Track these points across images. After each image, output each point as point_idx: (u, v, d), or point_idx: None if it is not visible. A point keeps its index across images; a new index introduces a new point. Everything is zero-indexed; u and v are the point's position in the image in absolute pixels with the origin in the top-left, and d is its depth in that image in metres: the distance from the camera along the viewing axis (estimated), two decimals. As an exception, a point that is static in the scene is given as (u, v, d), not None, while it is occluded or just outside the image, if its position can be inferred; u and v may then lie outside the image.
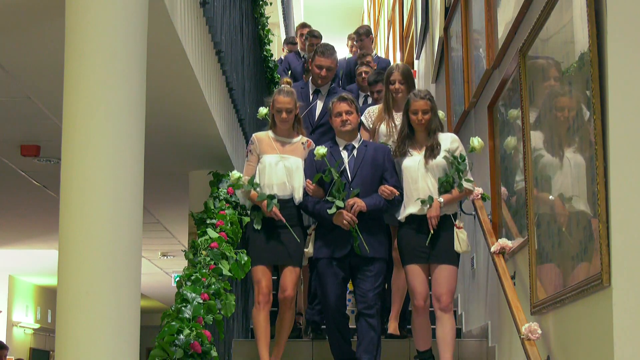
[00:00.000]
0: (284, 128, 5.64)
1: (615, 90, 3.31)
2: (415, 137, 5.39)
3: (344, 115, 5.48)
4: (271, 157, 5.58)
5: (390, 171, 5.41)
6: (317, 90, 6.49)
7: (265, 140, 5.66)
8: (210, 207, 6.23)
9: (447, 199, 5.23)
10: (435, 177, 5.25)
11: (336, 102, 5.55)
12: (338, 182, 5.29)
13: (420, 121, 5.32)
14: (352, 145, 5.52)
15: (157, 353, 4.23)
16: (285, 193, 5.50)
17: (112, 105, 3.87)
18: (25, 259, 14.27)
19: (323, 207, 5.34)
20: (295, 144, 5.66)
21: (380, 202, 5.32)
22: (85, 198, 3.78)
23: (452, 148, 5.31)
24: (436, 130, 5.35)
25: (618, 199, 3.26)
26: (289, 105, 5.61)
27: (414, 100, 5.35)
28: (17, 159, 7.59)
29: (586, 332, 3.57)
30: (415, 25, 11.02)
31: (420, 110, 5.32)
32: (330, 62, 6.43)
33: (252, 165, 5.65)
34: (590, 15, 3.40)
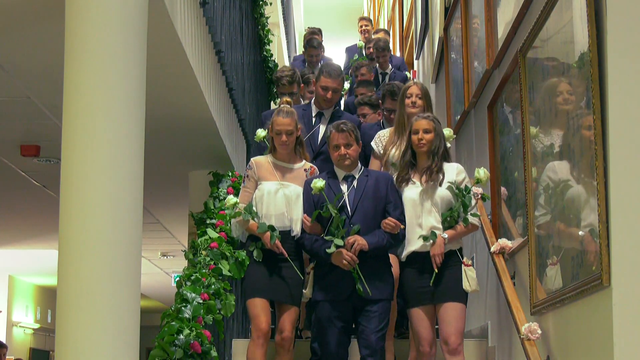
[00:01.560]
0: (284, 152, 5.11)
1: (615, 90, 3.31)
2: (417, 161, 4.93)
3: (342, 149, 4.92)
4: (270, 184, 5.05)
5: (394, 202, 4.90)
6: (319, 113, 5.97)
7: (264, 165, 5.11)
8: (210, 207, 6.23)
9: (452, 235, 4.77)
10: (439, 211, 4.80)
11: (334, 132, 4.97)
12: (336, 219, 4.81)
13: (420, 140, 4.85)
14: (352, 176, 4.97)
15: (157, 353, 4.23)
16: (284, 224, 4.97)
17: (112, 105, 3.87)
18: (25, 259, 14.28)
19: (321, 246, 4.84)
20: (297, 171, 5.12)
21: (383, 239, 4.81)
22: (85, 198, 3.78)
23: (457, 180, 4.84)
24: (438, 154, 4.87)
25: (618, 199, 3.26)
26: (289, 127, 5.06)
27: (416, 120, 4.94)
28: (17, 159, 7.59)
29: (586, 332, 3.57)
30: (415, 25, 11.02)
31: (421, 130, 4.86)
32: (337, 84, 5.91)
33: (249, 191, 5.11)
34: (590, 16, 3.40)
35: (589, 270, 3.43)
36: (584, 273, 3.51)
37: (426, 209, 4.81)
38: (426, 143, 4.85)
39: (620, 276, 3.23)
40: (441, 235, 4.75)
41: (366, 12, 19.85)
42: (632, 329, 3.19)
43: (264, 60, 9.53)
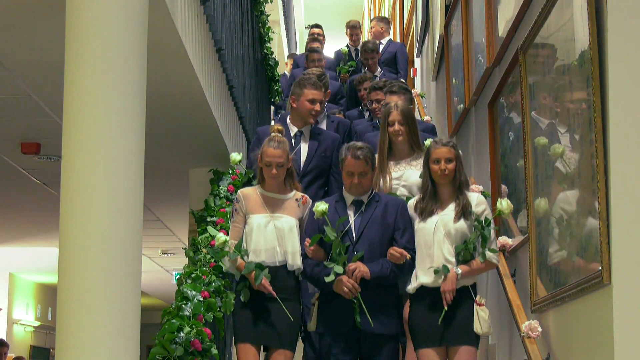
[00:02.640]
0: (274, 184, 4.78)
1: (616, 88, 3.30)
2: (439, 193, 4.50)
3: (356, 178, 4.56)
4: (260, 217, 4.71)
5: (403, 229, 4.53)
6: (299, 132, 5.58)
7: (252, 197, 4.77)
8: (210, 205, 6.24)
9: (465, 271, 4.34)
10: (453, 242, 4.39)
11: (350, 158, 4.56)
12: (336, 244, 4.46)
13: (443, 171, 4.43)
14: (361, 201, 4.61)
15: (157, 351, 4.23)
16: (276, 259, 4.63)
17: (113, 102, 3.87)
18: (26, 256, 14.29)
19: (321, 272, 4.52)
20: (287, 201, 4.78)
21: (387, 268, 4.45)
22: (85, 196, 3.78)
23: (477, 211, 4.41)
24: (462, 184, 4.49)
25: (618, 197, 3.26)
26: (280, 159, 4.71)
27: (435, 147, 4.50)
28: (17, 156, 7.60)
29: (586, 330, 3.57)
30: (416, 23, 11.02)
31: (443, 159, 4.44)
32: (322, 95, 5.58)
33: (238, 227, 4.76)
34: (590, 13, 3.40)
35: (590, 268, 3.43)
36: (585, 271, 3.51)
37: (439, 239, 4.40)
38: (449, 173, 4.45)
39: (620, 274, 3.23)
40: (454, 269, 4.33)
41: (366, 10, 19.85)
42: (632, 326, 3.20)
43: (265, 57, 9.53)
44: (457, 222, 4.37)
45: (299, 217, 4.77)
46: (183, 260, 5.87)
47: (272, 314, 4.60)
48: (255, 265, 4.58)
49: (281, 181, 4.78)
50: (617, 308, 3.21)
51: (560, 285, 3.87)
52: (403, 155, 5.01)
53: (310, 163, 5.50)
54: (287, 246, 4.65)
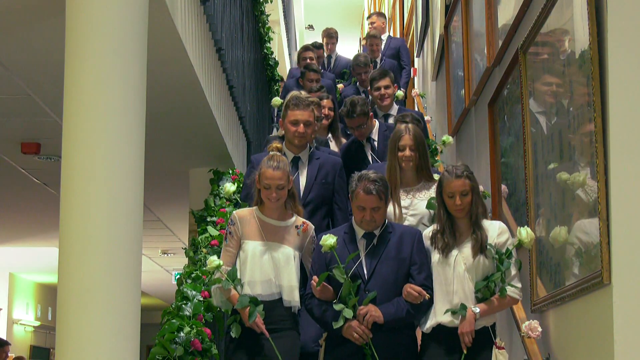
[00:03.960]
0: (273, 208, 4.41)
1: (616, 88, 3.30)
2: (455, 225, 4.20)
3: (368, 213, 4.20)
4: (255, 244, 4.34)
5: (420, 264, 4.19)
6: (295, 159, 5.07)
7: (249, 221, 4.39)
8: (210, 205, 6.24)
9: (484, 310, 4.04)
10: (474, 278, 4.09)
11: (362, 193, 4.18)
12: (346, 286, 4.10)
13: (458, 207, 4.14)
14: (373, 234, 4.24)
15: (157, 351, 4.23)
16: (272, 292, 4.29)
17: (113, 103, 3.87)
18: (26, 256, 14.29)
19: (331, 316, 4.14)
20: (287, 228, 4.41)
21: (402, 310, 4.10)
22: (85, 196, 3.78)
23: (499, 242, 4.12)
24: (479, 216, 4.17)
25: (618, 196, 3.26)
26: (281, 181, 4.34)
27: (448, 180, 4.17)
28: (17, 156, 7.60)
29: (586, 330, 3.57)
30: (416, 23, 11.02)
31: (458, 193, 4.13)
32: (307, 115, 5.04)
33: (231, 251, 4.39)
34: (590, 13, 3.40)
35: (590, 267, 3.43)
36: (585, 271, 3.51)
37: (458, 274, 4.10)
38: (465, 208, 4.15)
39: (620, 274, 3.23)
40: (472, 309, 4.03)
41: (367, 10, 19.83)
42: (632, 326, 3.19)
43: (265, 58, 9.54)
44: (477, 257, 4.08)
45: (299, 246, 4.41)
46: (183, 260, 5.88)
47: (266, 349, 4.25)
48: (250, 299, 4.23)
49: (281, 205, 4.41)
50: (617, 308, 3.21)
51: (560, 285, 3.86)
52: (411, 182, 4.74)
53: (310, 192, 5.03)
54: (283, 280, 4.31)
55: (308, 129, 5.02)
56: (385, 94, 6.75)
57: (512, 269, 4.10)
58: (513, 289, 4.08)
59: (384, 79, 6.75)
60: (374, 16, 10.77)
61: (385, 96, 6.76)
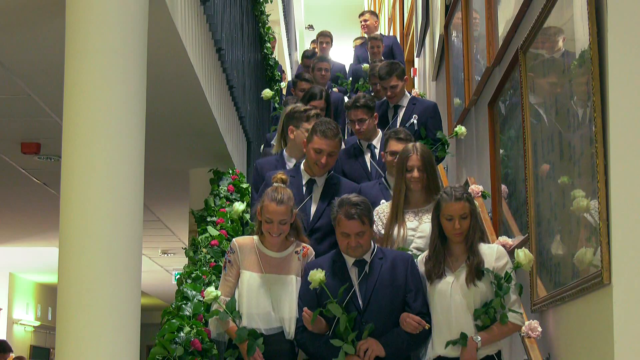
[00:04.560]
0: (273, 242, 4.26)
1: (616, 88, 3.30)
2: (450, 250, 4.05)
3: (352, 240, 4.05)
4: (254, 275, 4.20)
5: (415, 291, 4.04)
6: (311, 181, 4.89)
7: (248, 251, 4.26)
8: (210, 205, 6.25)
9: (486, 339, 3.89)
10: (473, 306, 3.94)
11: (343, 219, 4.05)
12: (343, 321, 3.93)
13: (456, 231, 3.98)
14: (364, 261, 4.10)
15: (157, 351, 4.23)
16: (272, 326, 4.16)
17: (113, 103, 3.87)
18: (26, 256, 14.29)
19: (326, 350, 3.99)
20: (287, 256, 4.27)
21: (402, 340, 3.98)
22: (85, 196, 3.78)
23: (497, 266, 3.97)
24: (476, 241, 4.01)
25: (618, 196, 3.26)
26: (284, 216, 4.20)
27: (446, 202, 4.00)
28: (17, 156, 7.60)
29: (587, 330, 3.57)
30: (416, 23, 11.02)
31: (457, 217, 3.97)
32: (333, 146, 4.82)
33: (230, 281, 4.26)
34: (590, 13, 3.40)
35: (590, 268, 3.43)
36: (585, 271, 3.51)
37: (456, 302, 3.94)
38: (463, 232, 4.00)
39: (620, 274, 3.23)
40: (473, 338, 3.88)
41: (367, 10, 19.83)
42: (632, 326, 3.19)
43: (265, 58, 9.54)
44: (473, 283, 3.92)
45: (299, 271, 4.26)
46: (183, 260, 5.87)
47: None
48: (249, 332, 4.12)
49: (283, 238, 4.27)
50: (617, 308, 3.21)
51: (560, 285, 3.87)
52: (419, 203, 4.57)
53: (319, 219, 4.79)
54: (284, 312, 4.16)
55: (331, 160, 4.83)
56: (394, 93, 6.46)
57: (511, 293, 3.94)
58: (514, 315, 3.92)
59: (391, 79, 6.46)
60: (367, 14, 10.73)
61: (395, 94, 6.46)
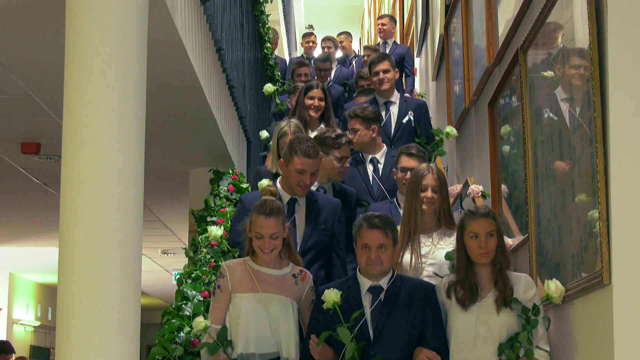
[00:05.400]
0: (267, 259, 4.02)
1: (616, 88, 3.30)
2: (476, 272, 3.74)
3: (373, 252, 3.79)
4: (248, 298, 3.94)
5: (433, 325, 3.73)
6: (292, 200, 4.62)
7: (240, 272, 4.00)
8: (210, 205, 6.24)
9: None
10: (497, 339, 3.63)
11: (366, 228, 3.82)
12: (350, 349, 3.66)
13: (483, 250, 3.68)
14: (380, 288, 3.81)
15: (157, 350, 4.24)
16: (268, 350, 3.91)
17: (113, 102, 3.87)
18: (26, 256, 14.29)
19: None
20: (283, 278, 4.02)
21: None
22: (85, 196, 3.78)
23: (525, 298, 3.67)
24: (505, 267, 3.72)
25: (618, 196, 3.26)
26: (275, 229, 3.96)
27: (471, 219, 3.72)
28: (17, 156, 7.60)
29: (586, 330, 3.57)
30: (416, 23, 11.02)
31: (484, 234, 3.68)
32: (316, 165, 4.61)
33: (221, 307, 4.00)
34: (590, 13, 3.40)
35: (590, 268, 3.43)
36: (585, 271, 3.51)
37: (480, 335, 3.64)
38: (490, 252, 3.69)
39: (620, 274, 3.23)
40: None
41: (366, 10, 19.84)
42: (632, 326, 3.19)
43: (264, 58, 9.54)
44: (500, 313, 3.63)
45: (297, 297, 4.02)
46: (183, 260, 5.87)
47: None
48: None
49: (276, 255, 4.03)
50: (617, 308, 3.21)
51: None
52: (430, 227, 4.30)
53: (309, 239, 4.54)
54: (280, 335, 3.92)
55: (313, 179, 4.61)
56: (385, 79, 6.33)
57: (539, 328, 3.66)
58: (541, 352, 3.65)
59: (383, 63, 6.37)
60: (386, 18, 10.37)
61: (385, 80, 6.33)
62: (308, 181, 4.55)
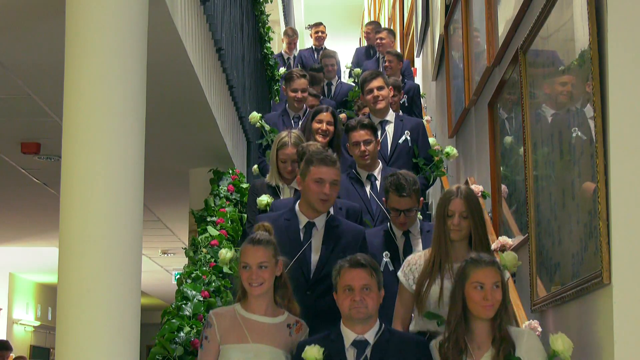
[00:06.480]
0: (257, 303, 3.67)
1: (616, 88, 3.30)
2: (472, 332, 3.37)
3: (357, 293, 3.47)
4: (237, 350, 3.60)
5: None
6: (310, 225, 4.23)
7: (228, 320, 3.65)
8: (210, 205, 6.24)
9: None
10: None
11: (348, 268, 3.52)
12: None
13: (488, 302, 3.32)
14: (365, 342, 3.46)
15: (157, 350, 4.24)
16: None
17: (113, 102, 3.87)
18: (26, 256, 14.29)
19: None
20: (276, 326, 3.65)
21: None
22: (85, 196, 3.78)
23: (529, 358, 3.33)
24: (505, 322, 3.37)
25: (618, 196, 3.26)
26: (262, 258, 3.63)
27: (476, 267, 3.39)
28: (17, 156, 7.60)
29: (587, 330, 3.57)
30: (416, 23, 11.02)
31: (490, 285, 3.34)
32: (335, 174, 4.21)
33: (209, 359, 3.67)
34: (590, 13, 3.40)
35: (590, 268, 3.43)
36: (585, 271, 3.51)
37: None
38: (495, 304, 3.35)
39: (621, 274, 3.23)
40: None
41: (367, 10, 19.85)
42: (632, 326, 3.19)
43: (264, 58, 9.54)
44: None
45: (291, 349, 3.64)
46: (183, 260, 5.88)
47: None
48: None
49: (269, 296, 3.68)
50: (617, 308, 3.21)
51: (560, 285, 3.87)
52: (461, 256, 3.74)
53: (324, 267, 4.10)
54: None
55: (334, 191, 4.20)
56: (379, 96, 6.02)
57: None
58: None
59: (377, 79, 6.08)
60: (384, 32, 10.00)
61: (380, 98, 6.02)
62: (328, 191, 4.14)
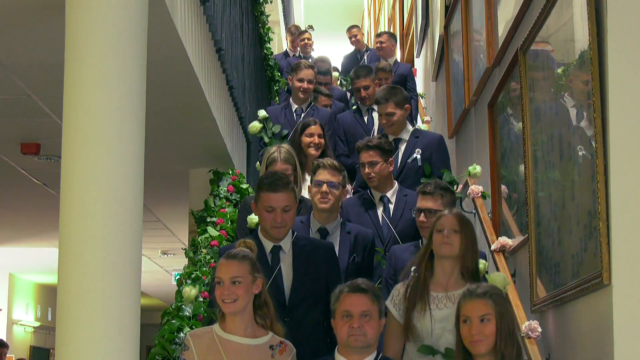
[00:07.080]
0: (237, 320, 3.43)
1: (615, 89, 3.31)
2: None
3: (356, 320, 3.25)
4: None
5: None
6: (275, 249, 4.05)
7: (206, 343, 3.40)
8: (210, 205, 6.24)
9: None
10: None
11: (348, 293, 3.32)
12: None
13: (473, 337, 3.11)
14: None
15: (157, 351, 4.24)
16: None
17: (112, 103, 3.87)
18: (26, 257, 14.30)
19: None
20: (257, 348, 3.41)
21: None
22: (85, 196, 3.78)
23: None
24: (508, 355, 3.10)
25: (618, 197, 3.26)
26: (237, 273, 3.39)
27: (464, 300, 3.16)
28: (17, 156, 7.60)
29: (586, 330, 3.57)
30: (416, 24, 11.02)
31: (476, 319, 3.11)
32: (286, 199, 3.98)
33: None
34: (590, 14, 3.40)
35: (590, 268, 3.43)
36: (585, 271, 3.51)
37: None
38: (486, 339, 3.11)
39: (620, 274, 3.23)
40: None
41: (366, 10, 19.86)
42: (632, 327, 3.19)
43: (264, 58, 9.54)
44: None
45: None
46: (183, 261, 5.87)
47: None
48: None
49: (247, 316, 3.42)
50: (617, 308, 3.21)
51: (560, 285, 3.87)
52: (451, 284, 3.56)
53: (298, 291, 3.94)
54: None
55: (287, 217, 3.97)
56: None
57: None
58: None
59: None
60: (384, 35, 9.65)
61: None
62: (279, 218, 3.92)
